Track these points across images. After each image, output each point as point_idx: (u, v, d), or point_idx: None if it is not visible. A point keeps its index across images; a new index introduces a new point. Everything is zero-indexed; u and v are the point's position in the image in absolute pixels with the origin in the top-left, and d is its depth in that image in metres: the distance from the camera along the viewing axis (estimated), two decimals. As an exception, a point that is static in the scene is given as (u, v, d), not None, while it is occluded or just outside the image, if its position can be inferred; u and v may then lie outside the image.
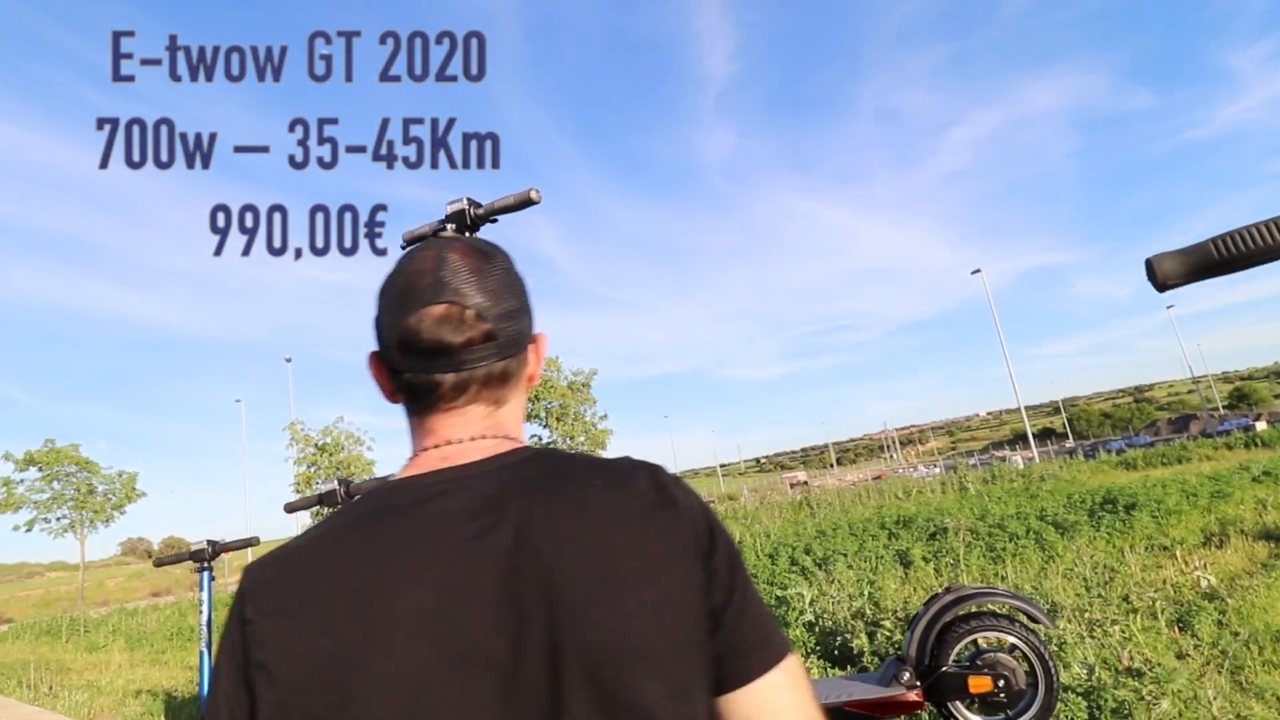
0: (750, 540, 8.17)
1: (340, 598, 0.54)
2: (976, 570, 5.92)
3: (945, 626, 2.01)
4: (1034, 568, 5.76)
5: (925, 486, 13.68)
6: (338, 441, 29.12)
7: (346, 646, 0.52)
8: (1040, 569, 5.67)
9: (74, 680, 7.97)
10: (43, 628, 13.88)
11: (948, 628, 2.00)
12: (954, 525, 7.11)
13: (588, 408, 32.09)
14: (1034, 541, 6.50)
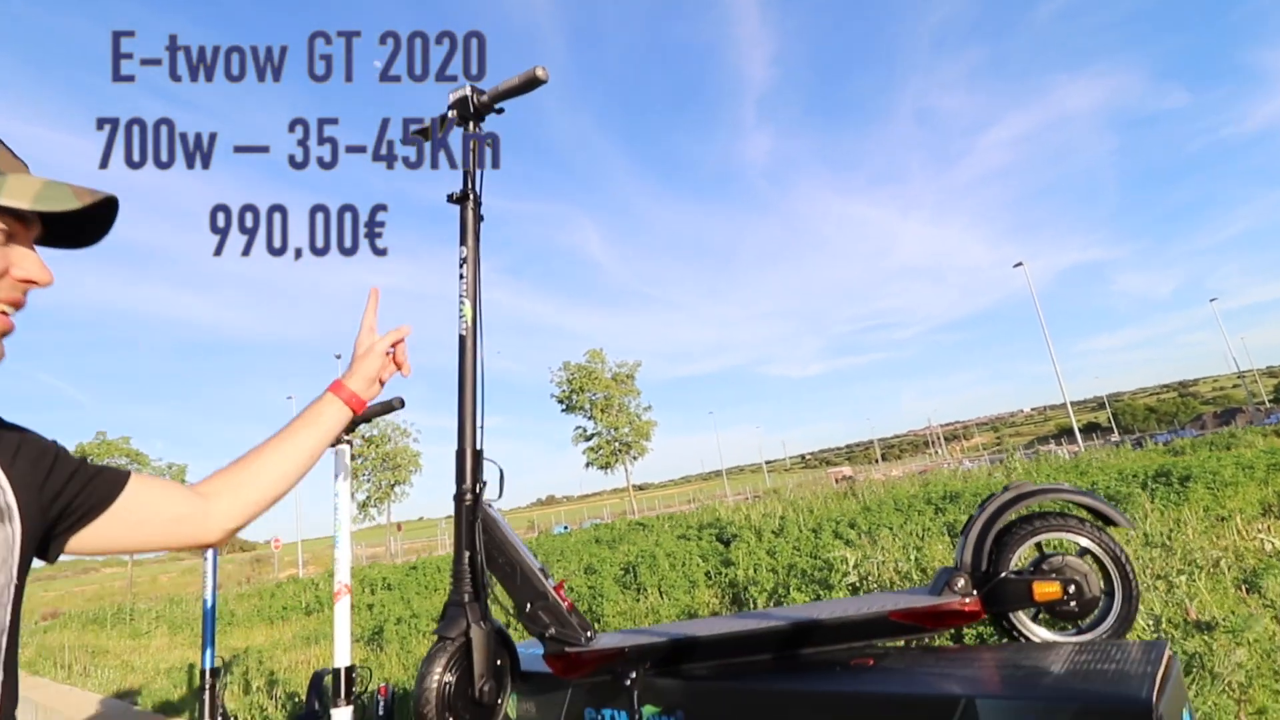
0: (793, 515, 7.81)
1: None
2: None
3: (1004, 529, 1.69)
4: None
5: (972, 476, 13.22)
6: (384, 433, 29.77)
7: None
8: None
9: (110, 661, 8.04)
10: (89, 617, 14.26)
11: (1007, 531, 1.69)
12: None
13: (632, 399, 32.12)
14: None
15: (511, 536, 1.89)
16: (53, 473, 0.83)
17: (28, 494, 0.78)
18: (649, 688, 1.66)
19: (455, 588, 1.78)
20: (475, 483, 1.83)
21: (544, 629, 1.79)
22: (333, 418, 1.12)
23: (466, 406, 1.86)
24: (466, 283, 1.88)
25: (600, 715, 1.76)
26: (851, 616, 1.63)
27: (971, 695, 1.22)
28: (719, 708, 1.55)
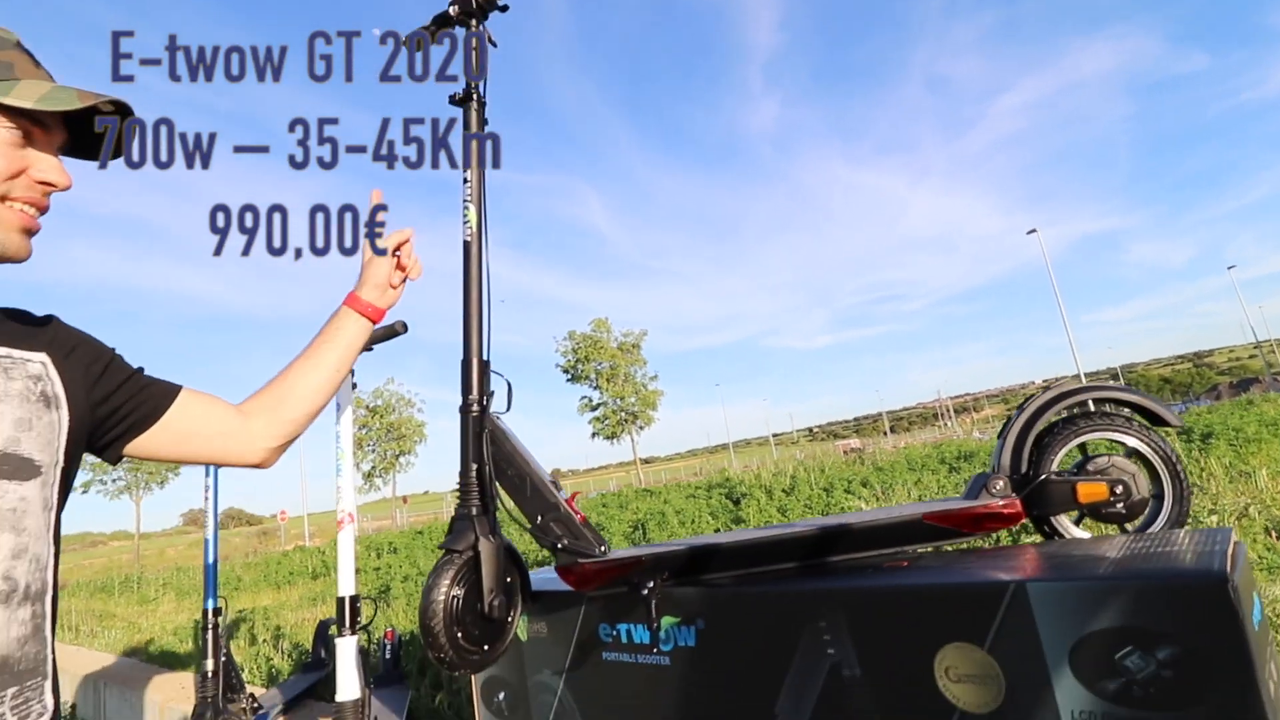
0: (804, 475, 7.74)
1: None
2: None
3: (1045, 431, 1.59)
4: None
5: (984, 446, 13.11)
6: (389, 404, 29.75)
7: None
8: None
9: (117, 624, 8.09)
10: (97, 585, 14.38)
11: (1048, 432, 1.59)
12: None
13: (638, 368, 31.97)
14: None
15: (521, 448, 1.80)
16: (104, 377, 0.88)
17: (76, 390, 0.83)
18: (667, 598, 1.57)
19: (462, 501, 1.69)
20: (482, 393, 1.75)
21: (556, 540, 1.70)
22: (352, 331, 1.14)
23: (472, 314, 1.77)
24: (471, 187, 1.80)
25: (616, 630, 1.67)
26: (883, 521, 1.53)
27: (1021, 579, 1.12)
28: (742, 613, 1.46)
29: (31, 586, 0.75)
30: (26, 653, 0.74)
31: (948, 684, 1.18)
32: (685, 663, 1.53)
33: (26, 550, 0.75)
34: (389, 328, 2.41)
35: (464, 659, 1.57)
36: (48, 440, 0.78)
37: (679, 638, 1.55)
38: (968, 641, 1.16)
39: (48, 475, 0.78)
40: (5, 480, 0.73)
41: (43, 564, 0.77)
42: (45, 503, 0.78)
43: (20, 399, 0.77)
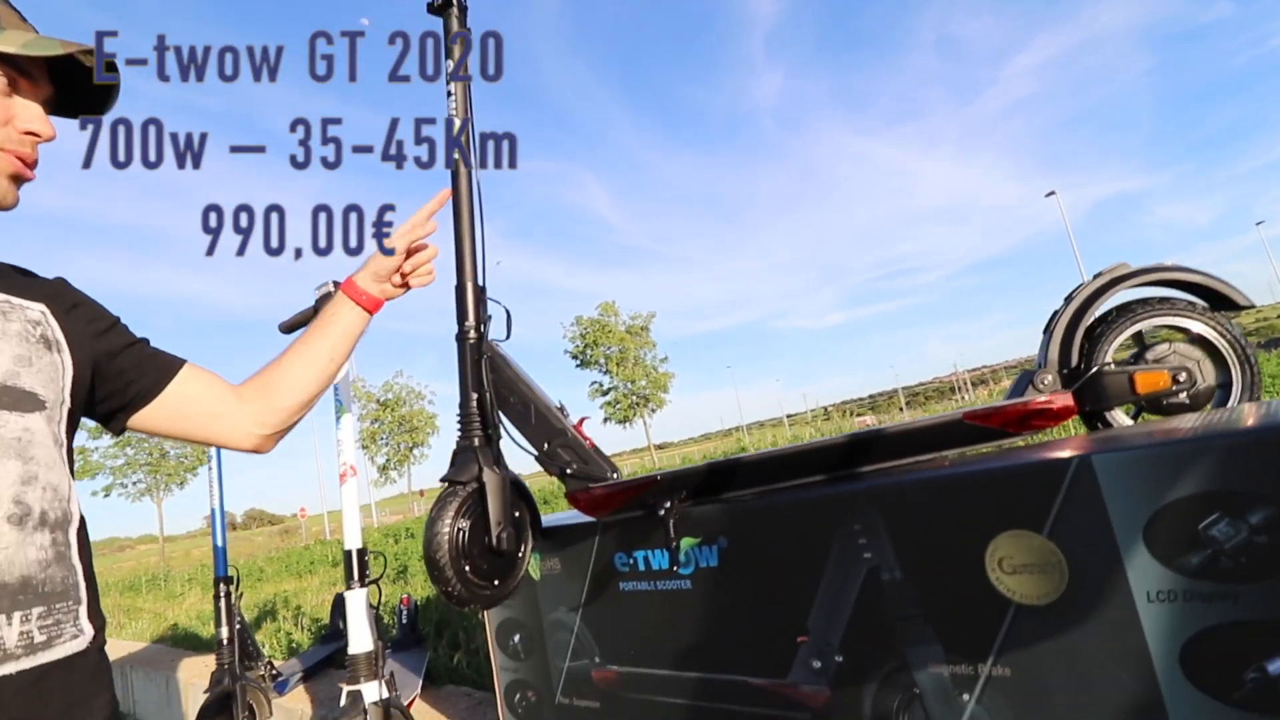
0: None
1: None
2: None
3: (1097, 321, 1.45)
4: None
5: None
6: (399, 397, 29.85)
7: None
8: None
9: (143, 617, 8.15)
10: (125, 584, 14.57)
11: (1101, 322, 1.45)
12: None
13: (647, 351, 31.77)
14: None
15: (524, 373, 1.69)
16: (107, 335, 0.89)
17: (78, 340, 0.84)
18: (686, 518, 1.46)
19: (464, 432, 1.58)
20: (479, 319, 1.64)
21: (565, 466, 1.59)
22: (347, 320, 1.11)
23: (464, 237, 1.66)
24: (455, 100, 1.70)
25: (633, 558, 1.56)
26: (919, 425, 1.40)
27: (1085, 454, 1.00)
28: (768, 526, 1.34)
29: (50, 514, 0.74)
30: (50, 575, 0.73)
31: (1001, 576, 1.06)
32: (708, 584, 1.42)
33: (37, 478, 0.74)
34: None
35: (473, 593, 1.47)
36: (50, 378, 0.78)
37: (700, 558, 1.44)
38: (1023, 529, 1.04)
39: (53, 411, 0.78)
40: (6, 411, 0.73)
41: (62, 494, 0.77)
42: (55, 437, 0.78)
43: (19, 338, 0.76)
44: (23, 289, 0.82)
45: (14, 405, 0.74)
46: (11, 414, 0.73)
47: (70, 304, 0.86)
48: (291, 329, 2.34)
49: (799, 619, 1.28)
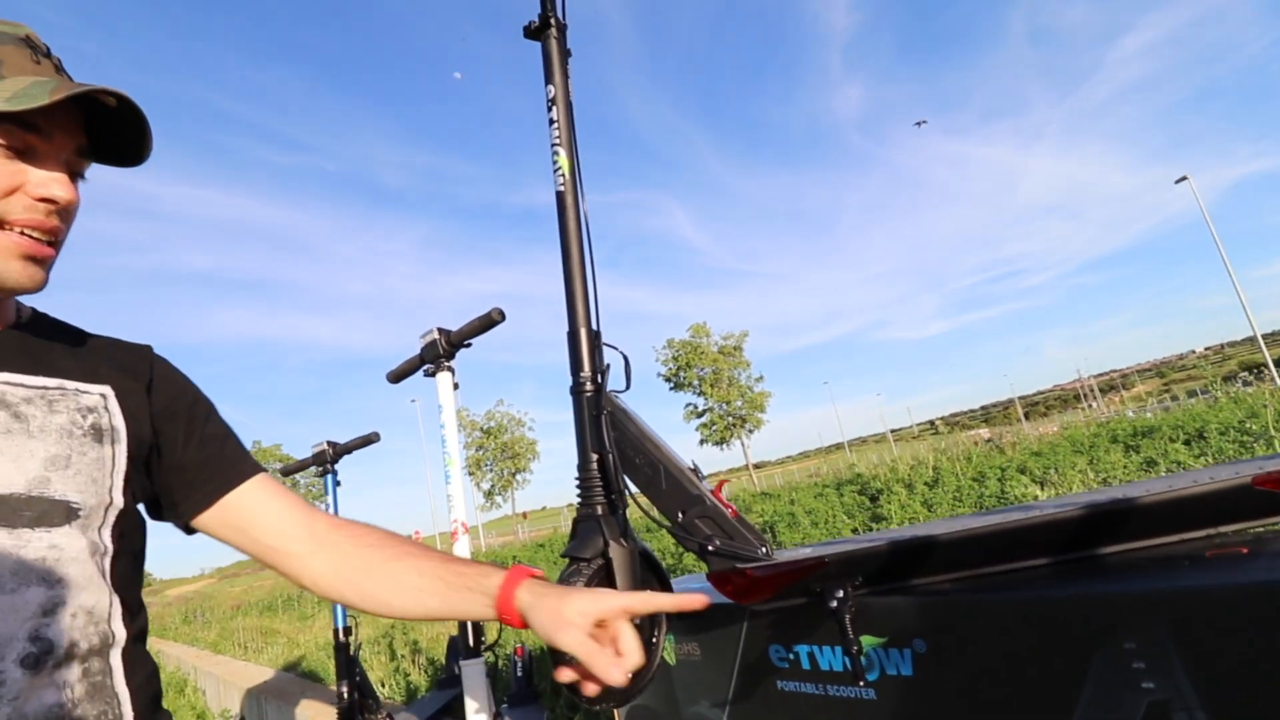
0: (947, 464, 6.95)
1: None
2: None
3: None
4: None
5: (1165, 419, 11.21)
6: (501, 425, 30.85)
7: None
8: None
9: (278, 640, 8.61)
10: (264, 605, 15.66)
11: None
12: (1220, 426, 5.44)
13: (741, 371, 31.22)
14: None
15: (650, 430, 1.47)
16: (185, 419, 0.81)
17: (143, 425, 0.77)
18: (864, 610, 1.17)
19: (584, 500, 1.39)
20: (595, 369, 1.45)
21: (705, 541, 1.35)
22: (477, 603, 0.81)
23: (575, 278, 1.49)
24: (558, 127, 1.57)
25: (793, 653, 1.29)
26: (1184, 492, 1.06)
27: None
28: (988, 629, 1.04)
29: (81, 644, 0.66)
30: (82, 714, 0.64)
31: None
32: (900, 697, 1.13)
33: (65, 603, 0.65)
34: (486, 317, 2.17)
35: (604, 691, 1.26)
36: (92, 478, 0.70)
37: (887, 663, 1.15)
38: None
39: (91, 518, 0.70)
40: (29, 528, 0.65)
41: (100, 615, 0.68)
42: (93, 548, 0.69)
43: (60, 434, 0.69)
44: (90, 368, 0.75)
45: (39, 520, 0.65)
46: (36, 530, 0.65)
47: (147, 381, 0.79)
48: (399, 378, 2.27)
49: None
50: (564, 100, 1.57)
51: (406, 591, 0.82)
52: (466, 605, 0.82)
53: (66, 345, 0.76)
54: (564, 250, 1.52)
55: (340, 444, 2.96)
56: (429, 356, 2.07)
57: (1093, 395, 77.20)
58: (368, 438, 2.99)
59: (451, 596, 0.81)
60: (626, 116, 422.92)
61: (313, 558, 0.84)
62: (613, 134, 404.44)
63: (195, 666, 7.33)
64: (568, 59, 1.63)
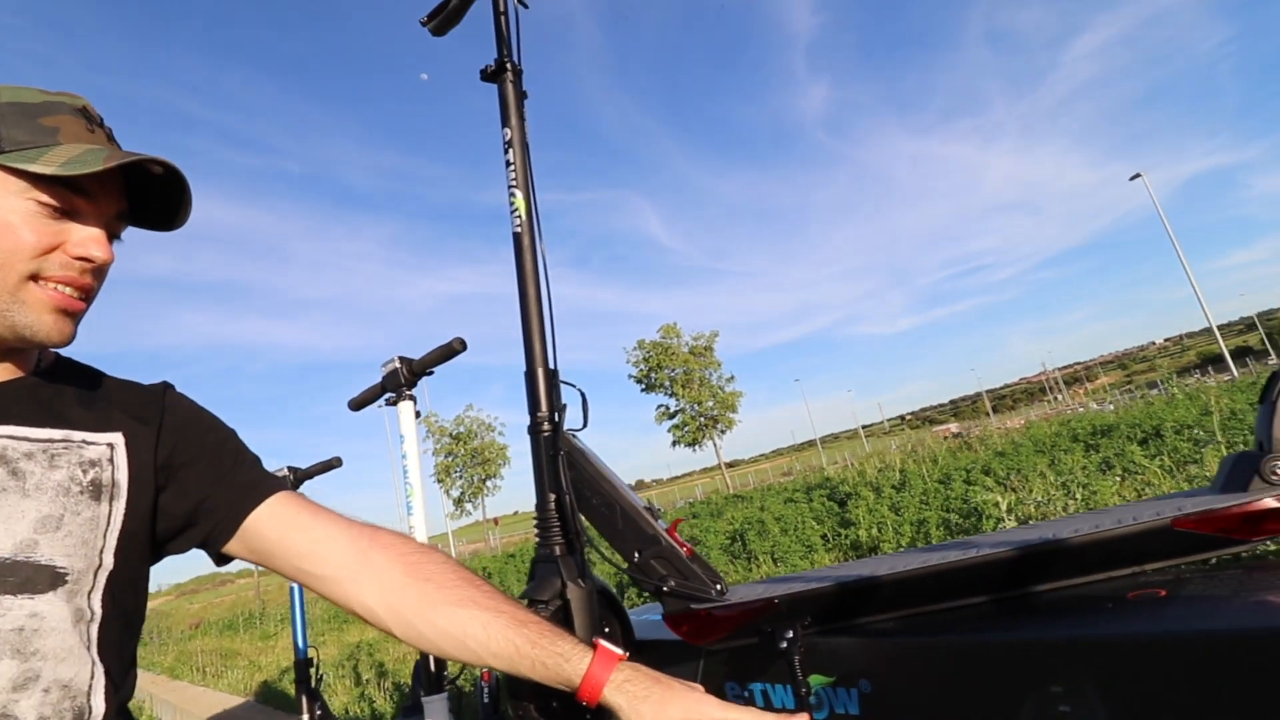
0: (913, 467, 7.09)
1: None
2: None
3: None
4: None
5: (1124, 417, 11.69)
6: (471, 430, 30.40)
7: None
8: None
9: (239, 662, 8.38)
10: (225, 624, 15.21)
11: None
12: (1175, 425, 5.64)
13: (712, 371, 31.37)
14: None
15: (606, 470, 1.48)
16: (198, 460, 0.79)
17: (145, 474, 0.75)
18: (814, 650, 1.20)
19: (542, 539, 1.40)
20: (553, 408, 1.45)
21: (660, 581, 1.37)
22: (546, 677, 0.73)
23: (532, 318, 1.50)
24: (514, 169, 1.57)
25: (748, 691, 1.32)
26: (1109, 533, 1.11)
27: None
28: (927, 671, 1.07)
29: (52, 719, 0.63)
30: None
31: (1293, 788, 0.76)
32: (849, 737, 1.16)
33: (39, 677, 0.63)
34: (447, 346, 2.17)
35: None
36: (83, 540, 0.68)
37: (836, 702, 1.18)
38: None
39: (80, 582, 0.68)
40: (10, 595, 0.63)
41: (78, 689, 0.65)
42: (77, 615, 0.67)
43: (56, 492, 0.68)
44: (101, 416, 0.74)
45: (21, 586, 0.64)
46: (16, 598, 0.63)
47: (158, 423, 0.78)
48: (360, 406, 2.24)
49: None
50: (520, 142, 1.58)
51: (468, 645, 0.75)
52: (537, 677, 0.74)
53: (80, 391, 0.76)
54: (521, 291, 1.53)
55: (301, 469, 2.91)
56: (390, 385, 2.05)
57: (1058, 388, 79.37)
58: (329, 463, 2.94)
59: (520, 664, 0.73)
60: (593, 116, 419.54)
61: (357, 582, 0.78)
62: (581, 132, 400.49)
63: (151, 694, 7.10)
64: (524, 100, 1.64)
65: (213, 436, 0.83)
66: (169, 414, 0.80)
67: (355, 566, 0.78)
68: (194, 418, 0.83)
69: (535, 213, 1.58)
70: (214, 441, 0.82)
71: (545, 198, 1.65)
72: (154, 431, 0.77)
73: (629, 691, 0.69)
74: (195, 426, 0.82)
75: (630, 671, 0.71)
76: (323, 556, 0.79)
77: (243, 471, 0.82)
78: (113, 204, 0.73)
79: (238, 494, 0.80)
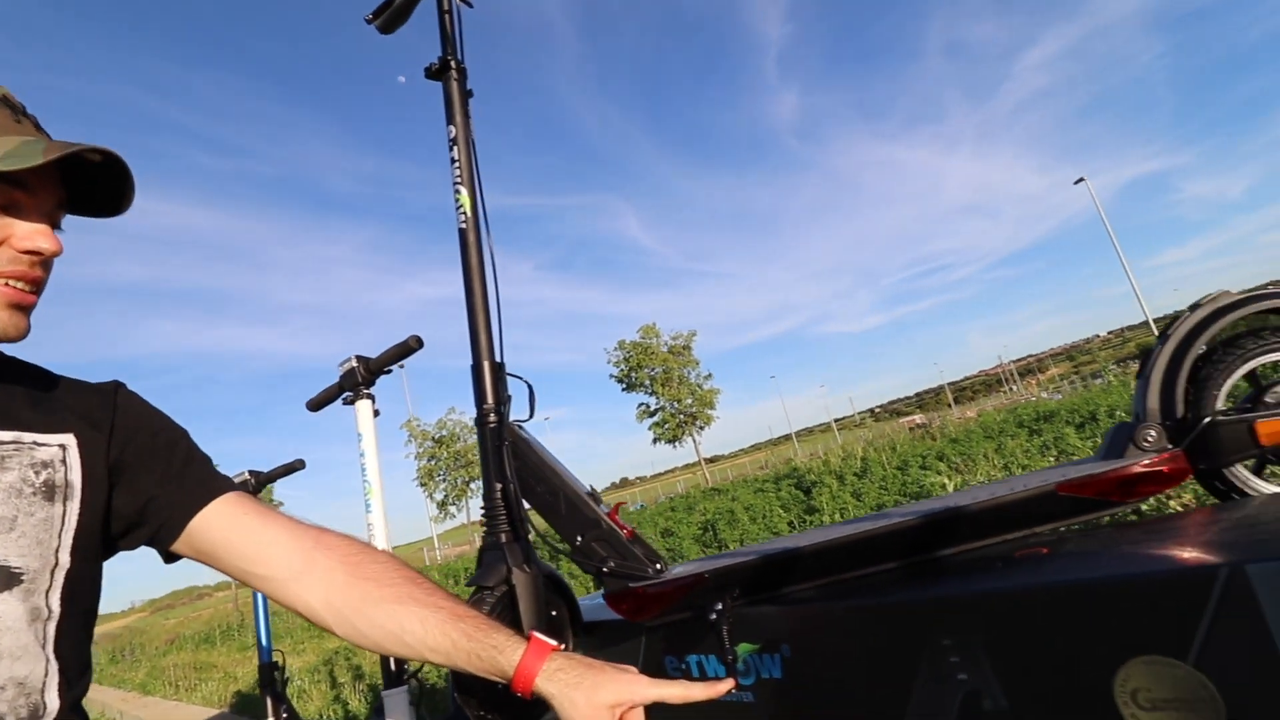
0: (875, 455, 7.28)
1: None
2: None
3: (1201, 360, 1.24)
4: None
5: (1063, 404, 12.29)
6: (453, 433, 30.23)
7: None
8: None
9: (215, 675, 8.27)
10: (201, 638, 14.94)
11: (1205, 361, 1.23)
12: (1108, 409, 5.91)
13: (691, 369, 31.62)
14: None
15: (550, 459, 1.55)
16: (148, 457, 0.79)
17: (97, 473, 0.75)
18: (742, 620, 1.29)
19: (489, 528, 1.46)
20: (499, 400, 1.51)
21: (601, 563, 1.44)
22: (481, 670, 0.75)
23: (477, 312, 1.55)
24: (460, 166, 1.62)
25: (684, 664, 1.40)
26: (1003, 499, 1.21)
27: (1238, 560, 0.80)
28: (838, 633, 1.16)
29: (7, 717, 0.64)
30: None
31: (1139, 713, 0.86)
32: (772, 698, 1.25)
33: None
34: (404, 345, 2.21)
35: (510, 715, 1.34)
36: (38, 540, 0.68)
37: (761, 668, 1.26)
38: (1161, 654, 0.84)
39: (36, 581, 0.68)
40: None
41: (32, 686, 0.66)
42: (34, 613, 0.67)
43: (8, 494, 0.68)
44: (52, 417, 0.73)
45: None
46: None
47: (109, 423, 0.77)
48: (318, 406, 2.27)
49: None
50: (465, 140, 1.61)
51: (405, 641, 0.77)
52: (474, 670, 0.76)
53: (30, 392, 0.75)
54: (467, 286, 1.57)
55: (263, 473, 2.92)
56: (348, 385, 2.09)
57: (1013, 379, 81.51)
58: (291, 466, 2.94)
59: (457, 657, 0.75)
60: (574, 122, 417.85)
61: (300, 582, 0.78)
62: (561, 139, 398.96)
63: (121, 711, 6.99)
64: (469, 99, 1.69)
65: (164, 437, 0.82)
66: (120, 414, 0.79)
67: (300, 567, 0.78)
68: (145, 417, 0.82)
69: (482, 209, 1.62)
70: (165, 441, 0.82)
71: (526, 202, 1.72)
72: (106, 432, 0.77)
73: (561, 680, 0.71)
74: (147, 426, 0.81)
75: (563, 660, 0.73)
76: (267, 558, 0.78)
77: (193, 471, 0.82)
78: (52, 195, 0.74)
79: (186, 493, 0.79)
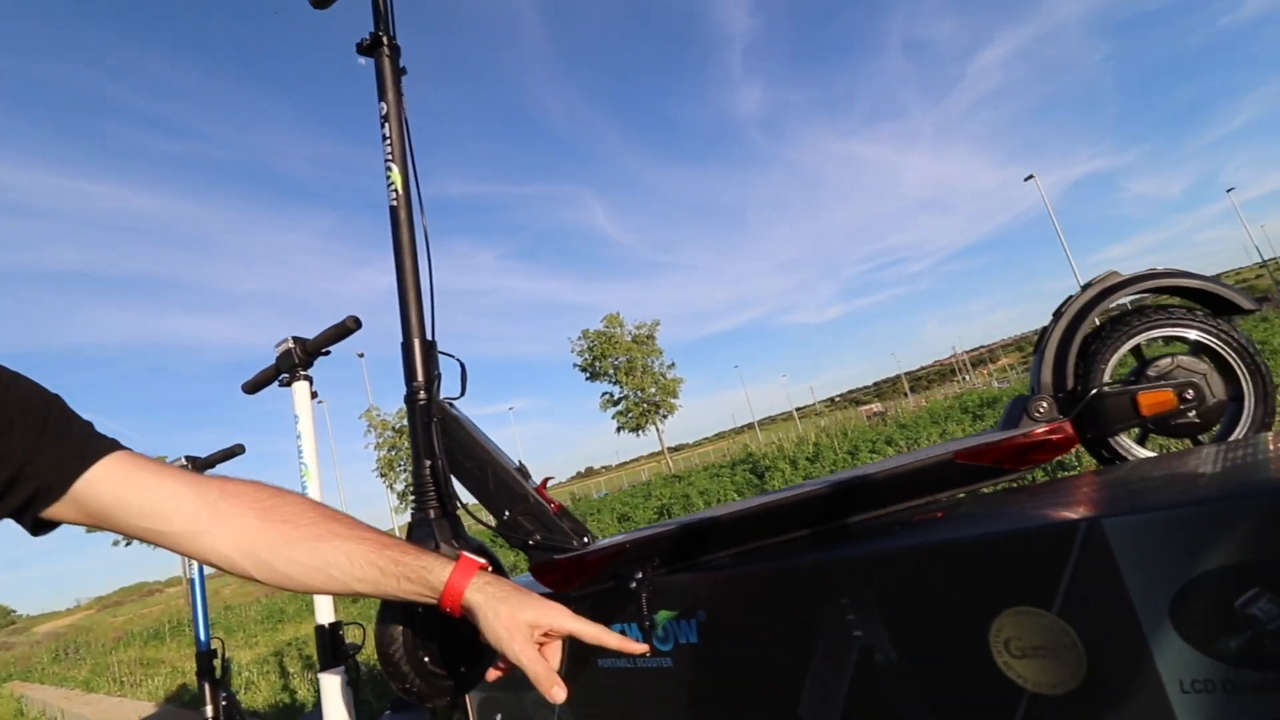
0: (827, 441, 7.45)
1: None
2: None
3: (1091, 337, 1.31)
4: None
5: (1006, 392, 12.89)
6: (421, 422, 30.06)
7: None
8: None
9: (163, 670, 8.07)
10: (150, 633, 14.52)
11: (1095, 338, 1.31)
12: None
13: (655, 359, 31.81)
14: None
15: (479, 435, 1.56)
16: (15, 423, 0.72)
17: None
18: (662, 589, 1.32)
19: (418, 504, 1.47)
20: (429, 378, 1.52)
21: (527, 536, 1.46)
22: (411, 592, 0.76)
23: (408, 289, 1.56)
24: (391, 143, 1.61)
25: (609, 632, 1.43)
26: (906, 467, 1.27)
27: (1093, 516, 0.86)
28: (747, 598, 1.21)
29: None
30: None
31: (1010, 660, 0.92)
32: (690, 662, 1.29)
33: None
34: (341, 325, 2.18)
35: (436, 686, 1.35)
36: None
37: (679, 634, 1.30)
38: (1029, 605, 0.90)
39: None
40: None
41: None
42: None
43: None
44: None
45: None
46: None
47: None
48: (255, 388, 2.23)
49: (790, 704, 1.14)
50: (396, 117, 1.60)
51: (332, 574, 0.74)
52: (403, 594, 0.76)
53: None
54: (398, 264, 1.57)
55: (201, 458, 2.86)
56: (284, 366, 2.06)
57: (966, 369, 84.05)
58: (230, 451, 2.90)
59: (386, 584, 0.75)
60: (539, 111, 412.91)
61: (209, 533, 0.74)
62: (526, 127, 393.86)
63: (63, 709, 6.77)
64: (401, 76, 1.67)
65: (35, 402, 0.77)
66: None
67: (205, 519, 0.74)
68: (10, 383, 0.77)
69: (414, 186, 1.62)
70: (36, 406, 0.76)
71: (491, 189, 1.70)
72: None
73: (488, 592, 0.74)
74: (12, 392, 0.75)
75: (491, 578, 0.76)
76: (167, 513, 0.74)
77: (73, 431, 0.76)
78: None
79: (67, 454, 0.74)
